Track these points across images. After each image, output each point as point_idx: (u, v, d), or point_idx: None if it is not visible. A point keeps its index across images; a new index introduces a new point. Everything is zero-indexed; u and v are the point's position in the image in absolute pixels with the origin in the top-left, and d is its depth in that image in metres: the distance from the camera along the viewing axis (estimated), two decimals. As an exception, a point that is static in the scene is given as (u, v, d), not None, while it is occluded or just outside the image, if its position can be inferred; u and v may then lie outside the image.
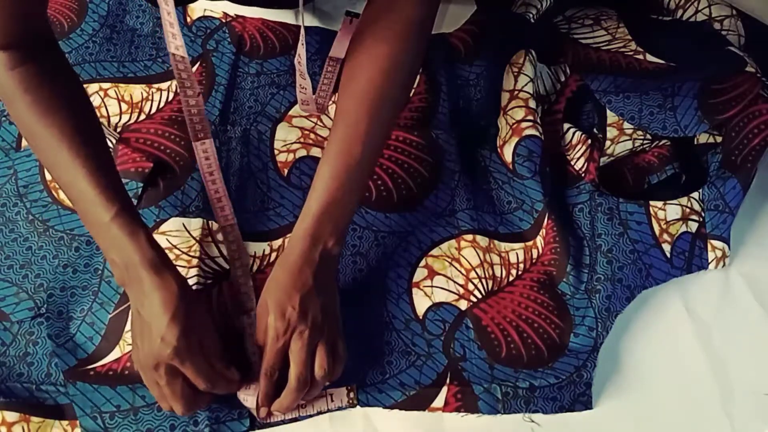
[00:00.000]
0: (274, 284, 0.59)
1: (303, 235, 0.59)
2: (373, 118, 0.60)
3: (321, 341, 0.58)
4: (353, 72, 0.62)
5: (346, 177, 0.60)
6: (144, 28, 0.86)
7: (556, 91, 0.80)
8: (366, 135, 0.60)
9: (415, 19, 0.62)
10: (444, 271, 0.69)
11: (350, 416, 0.61)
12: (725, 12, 0.83)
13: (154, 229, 0.69)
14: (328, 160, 0.60)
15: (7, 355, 0.63)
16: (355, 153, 0.60)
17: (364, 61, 0.62)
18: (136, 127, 0.77)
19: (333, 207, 0.59)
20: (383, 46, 0.61)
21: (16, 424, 0.59)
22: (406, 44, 0.62)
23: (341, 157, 0.60)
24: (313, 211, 0.59)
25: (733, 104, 0.71)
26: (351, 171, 0.60)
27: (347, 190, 0.60)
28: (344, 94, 0.62)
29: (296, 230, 0.60)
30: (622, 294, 0.68)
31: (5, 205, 0.71)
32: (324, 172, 0.60)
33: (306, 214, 0.60)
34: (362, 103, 0.61)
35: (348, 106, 0.61)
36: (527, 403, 0.61)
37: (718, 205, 0.70)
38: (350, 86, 0.62)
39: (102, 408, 0.60)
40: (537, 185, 0.72)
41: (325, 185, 0.60)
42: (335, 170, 0.60)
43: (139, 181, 0.71)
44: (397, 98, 0.64)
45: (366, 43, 0.62)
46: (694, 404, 0.63)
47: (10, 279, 0.67)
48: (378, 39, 0.61)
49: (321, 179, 0.60)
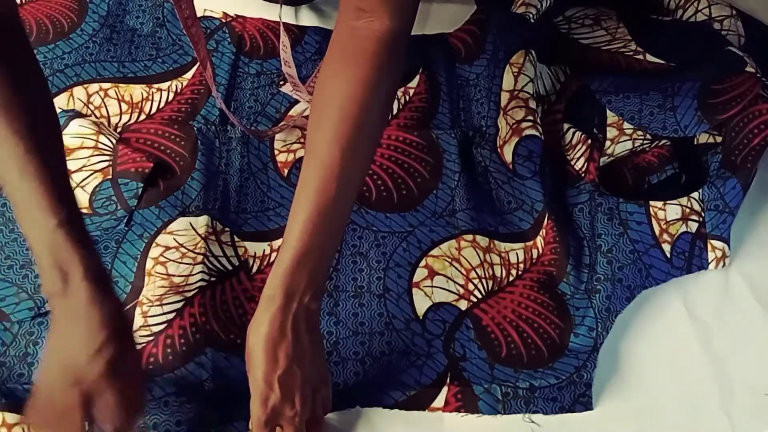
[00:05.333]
0: (251, 360, 0.54)
1: (274, 293, 0.53)
2: (348, 153, 0.54)
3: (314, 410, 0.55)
4: (323, 101, 0.56)
5: (321, 221, 0.54)
6: (144, 28, 0.86)
7: (556, 91, 0.80)
8: (341, 173, 0.54)
9: (389, 36, 0.54)
10: (444, 271, 0.69)
11: (350, 416, 0.61)
12: (725, 12, 0.83)
13: (161, 230, 0.69)
14: (300, 202, 0.54)
15: (7, 355, 0.63)
16: (330, 193, 0.54)
17: (334, 86, 0.55)
18: (136, 127, 0.77)
19: (307, 256, 0.54)
20: (354, 68, 0.54)
21: (16, 426, 0.59)
22: (380, 63, 0.54)
23: (315, 200, 0.54)
24: (286, 265, 0.54)
25: (733, 104, 0.71)
26: (326, 214, 0.54)
27: (323, 235, 0.54)
28: (314, 126, 0.56)
29: (267, 287, 0.54)
30: (622, 294, 0.68)
31: (5, 205, 0.71)
32: (296, 218, 0.54)
33: (278, 268, 0.54)
34: (334, 137, 0.54)
35: (319, 142, 0.55)
36: (527, 404, 0.61)
37: (718, 205, 0.70)
38: (320, 118, 0.55)
39: None
40: (537, 185, 0.72)
41: (298, 233, 0.54)
42: (308, 213, 0.54)
43: (139, 181, 0.71)
44: (375, 124, 0.57)
45: (336, 66, 0.56)
46: (694, 404, 0.63)
47: (10, 279, 0.67)
48: (348, 60, 0.55)
49: (293, 226, 0.54)
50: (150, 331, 0.64)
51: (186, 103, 0.79)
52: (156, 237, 0.69)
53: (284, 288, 0.53)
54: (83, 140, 0.73)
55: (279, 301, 0.53)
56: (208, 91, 0.80)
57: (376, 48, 0.54)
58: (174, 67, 0.82)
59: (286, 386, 0.53)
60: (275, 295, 0.53)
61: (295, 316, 0.54)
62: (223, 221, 0.71)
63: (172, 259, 0.68)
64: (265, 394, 0.53)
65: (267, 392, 0.53)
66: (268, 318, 0.53)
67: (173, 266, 0.67)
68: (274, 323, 0.53)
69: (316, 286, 0.55)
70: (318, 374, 0.56)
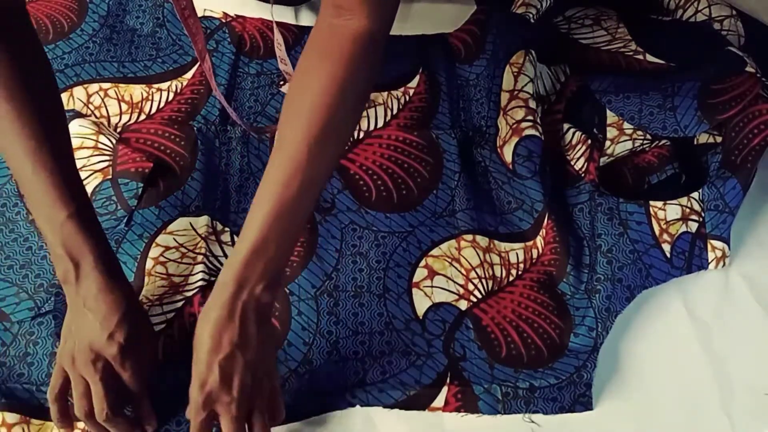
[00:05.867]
0: (196, 344, 0.54)
1: (227, 280, 0.54)
2: (314, 149, 0.54)
3: (256, 404, 0.55)
4: (295, 95, 0.56)
5: (281, 215, 0.54)
6: (144, 28, 0.86)
7: (556, 91, 0.80)
8: (306, 168, 0.54)
9: (366, 35, 0.54)
10: (444, 271, 0.69)
11: (350, 416, 0.61)
12: (725, 12, 0.83)
13: (161, 231, 0.69)
14: (263, 194, 0.55)
15: (7, 355, 0.63)
16: (293, 188, 0.54)
17: (307, 82, 0.55)
18: (136, 127, 0.77)
19: (264, 247, 0.54)
20: (329, 65, 0.54)
21: (16, 426, 0.59)
22: (355, 63, 0.54)
23: (277, 193, 0.54)
24: (242, 253, 0.54)
25: (733, 104, 0.71)
26: (287, 208, 0.54)
27: (281, 229, 0.54)
28: (284, 119, 0.56)
29: (222, 274, 0.54)
30: (622, 294, 0.68)
31: (5, 205, 0.71)
32: (257, 209, 0.55)
33: (234, 256, 0.54)
34: (303, 132, 0.54)
35: (287, 135, 0.55)
36: (527, 404, 0.61)
37: (718, 205, 0.70)
38: (291, 111, 0.56)
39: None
40: (537, 185, 0.72)
41: (258, 223, 0.54)
42: (270, 206, 0.54)
43: (139, 181, 0.71)
44: (345, 123, 0.57)
45: (311, 62, 0.56)
46: (694, 404, 0.63)
47: (10, 279, 0.67)
48: (324, 57, 0.55)
49: (253, 217, 0.54)
50: (150, 331, 0.64)
51: (186, 103, 0.79)
52: (156, 237, 0.69)
53: (237, 276, 0.53)
54: (83, 140, 0.73)
55: (231, 289, 0.53)
56: (208, 91, 0.80)
57: (352, 47, 0.54)
58: (174, 67, 0.82)
59: (226, 371, 0.53)
60: (227, 282, 0.54)
61: (245, 305, 0.54)
62: (223, 221, 0.71)
63: (172, 259, 0.68)
64: (204, 376, 0.53)
65: (206, 375, 0.53)
66: (219, 304, 0.53)
67: (173, 266, 0.67)
68: (223, 309, 0.53)
69: (270, 279, 0.55)
70: (264, 366, 0.55)
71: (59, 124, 0.58)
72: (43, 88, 0.57)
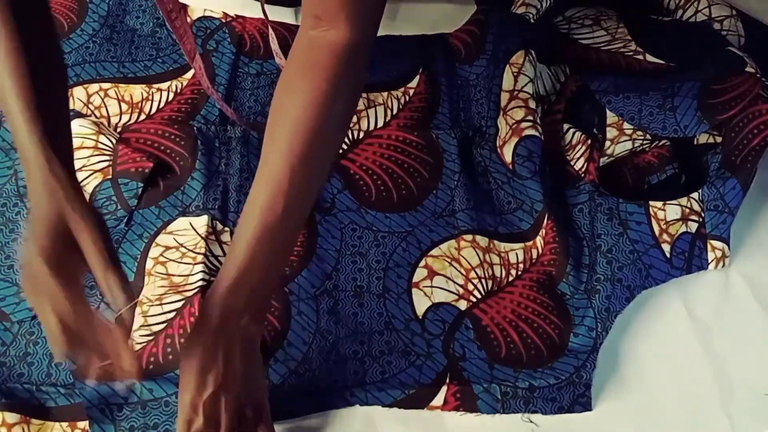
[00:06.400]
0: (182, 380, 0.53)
1: (211, 311, 0.53)
2: (298, 169, 0.52)
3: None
4: (277, 114, 0.54)
5: (266, 239, 0.53)
6: (144, 28, 0.86)
7: (556, 91, 0.80)
8: (290, 189, 0.52)
9: (346, 46, 0.52)
10: (444, 271, 0.69)
11: (349, 416, 0.61)
12: (725, 12, 0.83)
13: (161, 230, 0.69)
14: (247, 219, 0.53)
15: (7, 355, 0.63)
16: (277, 211, 0.52)
17: (288, 99, 0.53)
18: (136, 127, 0.77)
19: (249, 276, 0.53)
20: (309, 81, 0.52)
21: (16, 426, 0.59)
22: (335, 78, 0.52)
23: (261, 216, 0.52)
24: (226, 283, 0.53)
25: (733, 104, 0.71)
26: (272, 231, 0.53)
27: (267, 254, 0.53)
28: (266, 138, 0.54)
29: (207, 302, 0.53)
30: (622, 294, 0.68)
31: (5, 205, 0.71)
32: (241, 234, 0.53)
33: (218, 283, 0.53)
34: (286, 152, 0.52)
35: (270, 157, 0.53)
36: (526, 404, 0.61)
37: (718, 205, 0.70)
38: (273, 131, 0.54)
39: (110, 400, 0.60)
40: (537, 185, 0.72)
41: (242, 249, 0.52)
42: (253, 231, 0.52)
43: (139, 181, 0.71)
44: (329, 141, 0.55)
45: (291, 78, 0.54)
46: (694, 404, 0.63)
47: (10, 279, 0.67)
48: (304, 73, 0.53)
49: (237, 243, 0.53)
50: (150, 330, 0.64)
51: (186, 103, 0.79)
52: (156, 237, 0.69)
53: (222, 308, 0.53)
54: (83, 140, 0.73)
55: (215, 323, 0.52)
56: (208, 91, 0.80)
57: (332, 61, 0.52)
58: (174, 67, 0.82)
59: (211, 411, 0.52)
60: (212, 315, 0.52)
61: (229, 341, 0.53)
62: (223, 221, 0.71)
63: (172, 259, 0.68)
64: (190, 417, 0.52)
65: (191, 415, 0.52)
66: (202, 341, 0.52)
67: (173, 266, 0.67)
68: (207, 348, 0.52)
69: (256, 309, 0.54)
70: (251, 399, 0.55)
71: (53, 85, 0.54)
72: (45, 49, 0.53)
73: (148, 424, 0.59)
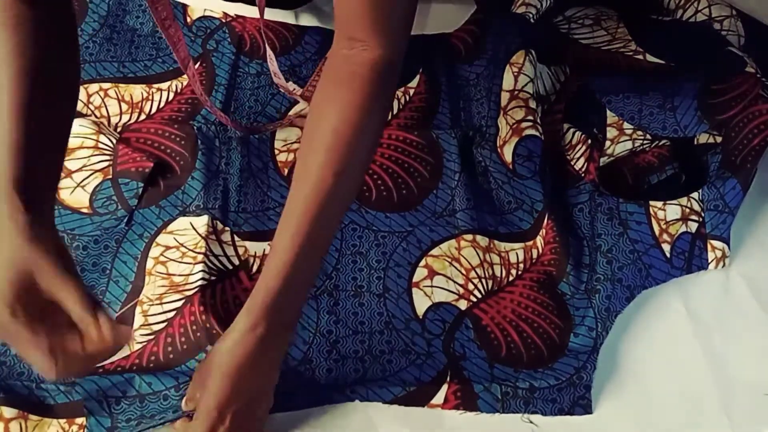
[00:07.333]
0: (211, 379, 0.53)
1: (256, 323, 0.52)
2: (341, 177, 0.53)
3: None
4: (316, 125, 0.55)
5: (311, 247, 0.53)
6: (144, 28, 0.86)
7: (556, 91, 0.80)
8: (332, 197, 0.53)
9: (382, 62, 0.54)
10: (444, 271, 0.69)
11: (349, 413, 0.61)
12: (725, 12, 0.83)
13: (162, 230, 0.69)
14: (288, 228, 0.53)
15: (7, 354, 0.63)
16: (320, 219, 0.53)
17: (326, 111, 0.54)
18: (136, 127, 0.77)
19: (296, 281, 0.53)
20: (348, 93, 0.54)
21: (13, 421, 0.59)
22: (373, 89, 0.54)
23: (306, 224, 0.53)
24: (276, 290, 0.53)
25: (733, 104, 0.71)
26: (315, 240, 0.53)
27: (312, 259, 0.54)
28: (305, 150, 0.55)
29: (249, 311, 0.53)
30: (622, 294, 0.68)
31: (5, 205, 0.71)
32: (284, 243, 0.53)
33: (264, 293, 0.53)
34: (327, 161, 0.53)
35: (310, 165, 0.54)
36: (526, 404, 0.61)
37: (718, 205, 0.70)
38: (313, 142, 0.54)
39: (108, 393, 0.60)
40: (537, 185, 0.73)
41: (290, 257, 0.52)
42: (301, 241, 0.52)
43: (140, 181, 0.71)
44: (367, 150, 0.57)
45: (329, 91, 0.55)
46: (694, 404, 0.63)
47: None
48: (342, 85, 0.54)
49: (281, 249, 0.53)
50: (150, 329, 0.64)
51: (186, 103, 0.79)
52: (156, 236, 0.69)
53: (269, 317, 0.52)
54: (83, 140, 0.73)
55: (261, 332, 0.52)
56: (208, 92, 0.80)
57: (370, 74, 0.54)
58: (174, 67, 0.82)
59: (237, 424, 0.53)
60: (258, 323, 0.52)
61: (271, 351, 0.53)
62: (224, 221, 0.71)
63: (172, 259, 0.68)
64: (215, 422, 0.52)
65: (217, 423, 0.52)
66: (245, 344, 0.52)
67: (173, 266, 0.67)
68: (250, 353, 0.52)
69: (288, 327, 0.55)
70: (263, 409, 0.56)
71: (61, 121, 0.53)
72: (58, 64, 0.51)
73: (145, 416, 0.59)
